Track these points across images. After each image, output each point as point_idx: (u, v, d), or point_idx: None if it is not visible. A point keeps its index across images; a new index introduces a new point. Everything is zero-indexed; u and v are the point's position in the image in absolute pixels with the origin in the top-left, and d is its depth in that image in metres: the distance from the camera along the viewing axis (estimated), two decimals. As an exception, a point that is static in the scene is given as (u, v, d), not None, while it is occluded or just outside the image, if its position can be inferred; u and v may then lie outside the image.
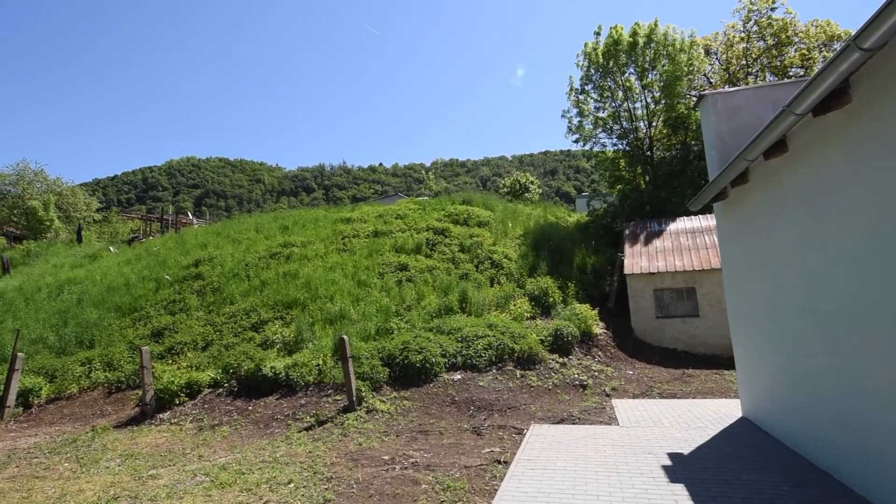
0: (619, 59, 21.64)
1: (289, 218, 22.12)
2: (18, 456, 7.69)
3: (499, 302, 13.13)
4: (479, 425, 7.30)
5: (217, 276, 15.72)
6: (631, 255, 14.60)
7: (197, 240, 20.31)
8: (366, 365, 9.56)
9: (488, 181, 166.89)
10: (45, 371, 11.85)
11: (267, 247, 17.86)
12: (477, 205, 21.26)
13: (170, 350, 12.05)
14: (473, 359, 10.11)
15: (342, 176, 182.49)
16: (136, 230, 32.81)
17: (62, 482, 6.10)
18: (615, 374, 10.53)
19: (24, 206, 35.84)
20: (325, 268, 15.40)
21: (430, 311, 12.52)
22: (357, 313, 12.64)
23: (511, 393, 8.84)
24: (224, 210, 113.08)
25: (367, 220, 19.85)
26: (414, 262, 15.48)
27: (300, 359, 10.41)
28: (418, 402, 8.51)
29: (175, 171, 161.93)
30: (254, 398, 9.69)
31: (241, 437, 7.89)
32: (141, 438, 8.17)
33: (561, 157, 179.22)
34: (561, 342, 11.31)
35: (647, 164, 22.14)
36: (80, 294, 16.34)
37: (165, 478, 5.89)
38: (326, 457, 6.25)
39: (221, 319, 13.19)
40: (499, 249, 16.35)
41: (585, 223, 21.08)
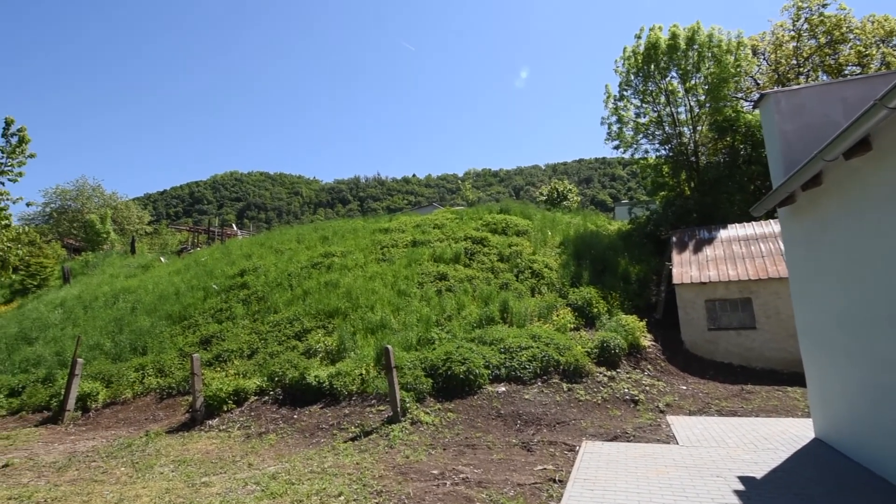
0: (659, 62, 21.06)
1: (328, 228, 22.50)
2: (78, 459, 7.97)
3: (541, 312, 12.82)
4: (528, 440, 7.05)
5: (261, 285, 16.09)
6: (679, 264, 14.00)
7: (242, 250, 20.91)
8: (408, 375, 9.46)
9: (521, 190, 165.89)
10: (102, 376, 12.36)
11: (308, 257, 18.17)
12: (515, 214, 21.01)
13: (217, 357, 12.34)
14: (517, 371, 9.85)
15: (376, 187, 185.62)
16: (184, 242, 34.23)
17: (119, 487, 6.24)
18: (667, 389, 10.03)
19: (83, 219, 38.06)
20: (365, 277, 15.50)
21: (471, 321, 12.35)
22: (398, 323, 12.61)
23: (559, 407, 8.53)
24: (264, 222, 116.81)
25: (405, 230, 19.93)
26: (453, 271, 15.38)
27: (343, 368, 10.44)
28: (463, 415, 8.32)
29: (219, 185, 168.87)
30: (298, 406, 9.75)
31: (288, 445, 7.91)
32: (192, 444, 8.32)
33: (595, 164, 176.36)
34: (608, 355, 10.89)
35: (691, 169, 21.35)
36: (134, 302, 17.05)
37: (217, 486, 5.93)
38: (374, 469, 6.15)
39: (266, 328, 13.43)
40: (539, 259, 16.04)
41: (627, 231, 20.46)
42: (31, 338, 16.48)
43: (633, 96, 22.56)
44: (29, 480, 6.87)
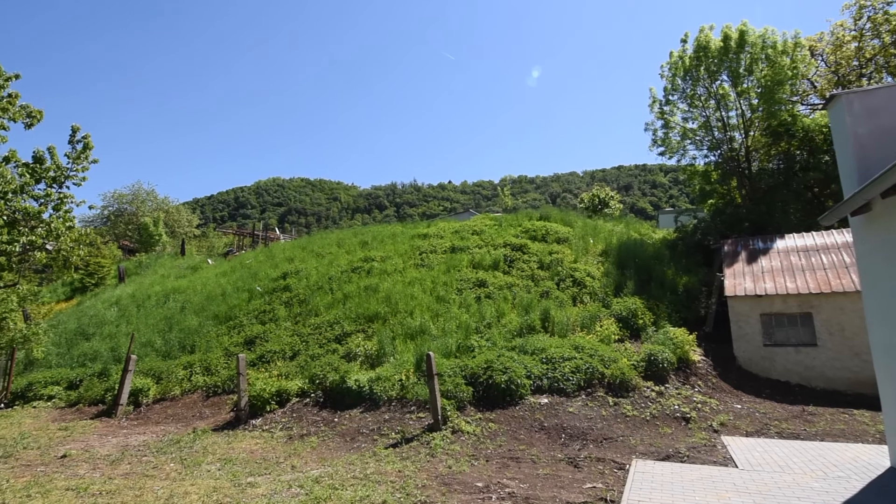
0: (709, 65, 20.26)
1: (368, 233, 22.77)
2: (130, 453, 8.26)
3: (584, 322, 12.46)
4: (574, 456, 6.79)
5: (303, 288, 16.40)
6: (732, 276, 13.32)
7: (284, 254, 21.43)
8: (449, 383, 9.35)
9: (558, 197, 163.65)
10: (153, 373, 12.85)
11: (348, 261, 18.41)
12: (555, 220, 20.63)
13: (261, 358, 12.61)
14: (560, 382, 9.57)
15: (413, 193, 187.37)
16: (230, 244, 35.51)
17: (169, 483, 6.40)
18: (721, 408, 9.49)
19: (138, 222, 40.14)
20: (404, 282, 15.54)
21: (512, 329, 12.14)
22: (437, 329, 12.54)
23: (605, 422, 8.21)
24: (304, 226, 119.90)
25: (444, 236, 19.91)
26: (492, 278, 15.20)
27: (383, 373, 10.44)
28: (505, 426, 8.13)
29: (262, 191, 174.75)
30: (339, 410, 9.80)
31: (330, 449, 7.93)
32: (237, 443, 8.48)
33: (636, 171, 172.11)
34: (655, 369, 10.43)
35: (742, 176, 20.39)
36: (184, 302, 17.72)
37: (263, 487, 5.98)
38: (417, 478, 6.06)
39: (307, 330, 13.65)
40: (580, 267, 15.65)
41: (673, 240, 19.70)
42: (88, 333, 17.39)
43: (680, 100, 21.80)
44: (85, 472, 7.16)
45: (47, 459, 7.98)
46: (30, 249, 12.47)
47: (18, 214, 12.33)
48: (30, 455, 8.27)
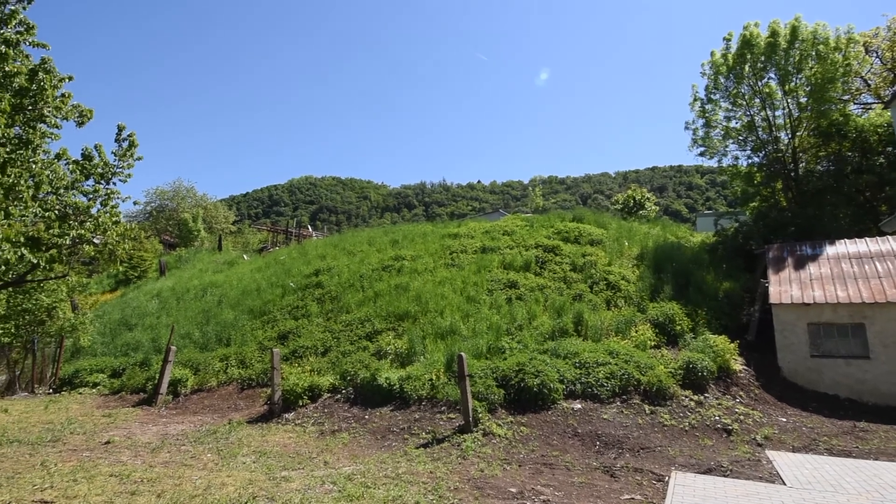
0: (755, 62, 19.43)
1: (398, 232, 22.89)
2: (169, 442, 8.51)
3: (618, 327, 12.15)
4: (610, 465, 6.59)
5: (335, 285, 16.60)
6: (777, 283, 12.73)
7: (317, 251, 21.77)
8: (479, 384, 9.26)
9: (589, 198, 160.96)
10: (191, 364, 13.24)
11: (379, 259, 18.54)
12: (588, 222, 20.24)
13: (294, 353, 12.83)
14: (594, 388, 9.34)
15: (442, 193, 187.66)
16: (264, 241, 36.40)
17: (207, 473, 6.54)
18: (764, 420, 9.07)
19: (178, 217, 41.61)
20: (435, 282, 15.53)
21: (543, 331, 11.95)
22: (467, 329, 12.46)
23: (642, 431, 7.96)
24: (335, 224, 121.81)
25: (474, 236, 19.81)
26: (523, 279, 15.02)
27: (413, 372, 10.44)
28: (537, 430, 7.99)
29: (295, 189, 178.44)
30: (369, 407, 9.85)
31: (361, 446, 7.97)
32: (270, 437, 8.63)
33: (671, 172, 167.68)
34: (694, 377, 10.06)
35: (788, 178, 19.49)
36: (220, 296, 18.23)
37: (296, 482, 6.04)
38: (449, 480, 6.00)
39: (339, 327, 13.80)
40: (615, 270, 15.28)
41: (712, 244, 19.02)
42: (131, 324, 18.10)
43: (722, 99, 21.01)
44: (127, 459, 7.41)
45: (92, 445, 8.31)
46: (79, 243, 13.01)
47: (69, 209, 12.89)
48: (76, 440, 8.63)
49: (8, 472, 6.62)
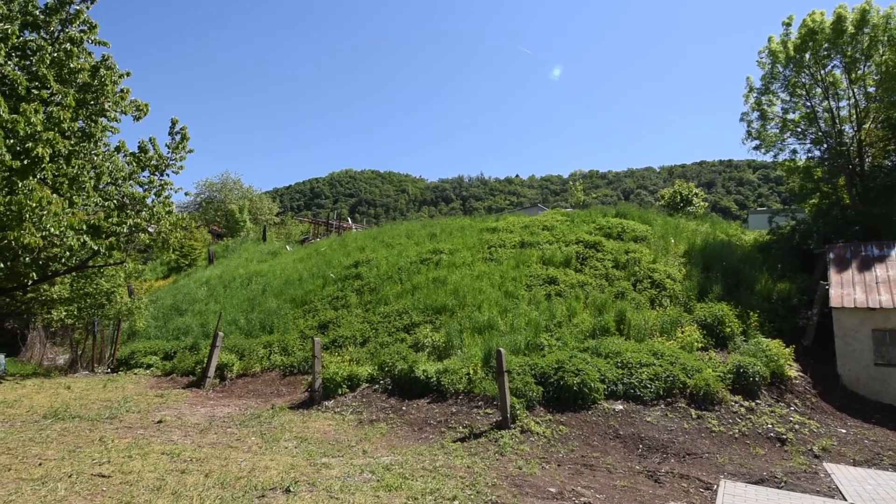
0: (817, 49, 18.17)
1: (436, 226, 22.93)
2: (216, 423, 8.86)
3: (663, 327, 11.72)
4: (654, 469, 6.36)
5: (373, 277, 16.81)
6: (839, 285, 11.93)
7: (356, 243, 22.12)
8: (518, 381, 9.15)
9: (632, 194, 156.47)
10: (237, 349, 13.75)
11: (417, 252, 18.63)
12: (632, 218, 19.61)
13: (333, 342, 13.09)
14: (637, 389, 9.05)
15: (479, 187, 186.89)
16: (306, 232, 37.34)
17: (251, 456, 6.76)
18: (822, 431, 8.54)
19: (226, 209, 43.27)
20: (473, 276, 15.46)
21: (584, 329, 11.68)
22: (505, 325, 12.35)
23: (687, 436, 7.65)
24: (373, 217, 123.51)
25: (513, 231, 19.58)
26: (563, 275, 14.73)
27: (450, 365, 10.44)
28: (576, 430, 7.82)
29: (335, 182, 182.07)
30: (407, 398, 9.93)
31: (399, 437, 8.05)
32: (311, 423, 8.84)
33: (720, 167, 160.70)
34: (745, 382, 9.58)
35: (853, 174, 18.19)
36: (264, 285, 18.84)
37: (336, 469, 6.15)
38: (486, 476, 5.95)
39: (377, 318, 13.97)
40: (660, 268, 14.74)
41: (766, 242, 18.05)
42: (182, 309, 18.98)
43: (780, 89, 19.82)
44: (178, 438, 7.77)
45: (146, 423, 8.76)
46: (135, 231, 13.71)
47: (126, 199, 13.59)
48: (131, 418, 9.12)
49: (70, 445, 7.07)
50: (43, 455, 6.53)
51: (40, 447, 6.91)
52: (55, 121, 9.99)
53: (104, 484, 5.44)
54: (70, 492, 5.17)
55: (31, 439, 7.31)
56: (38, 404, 9.92)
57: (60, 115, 10.11)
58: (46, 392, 11.12)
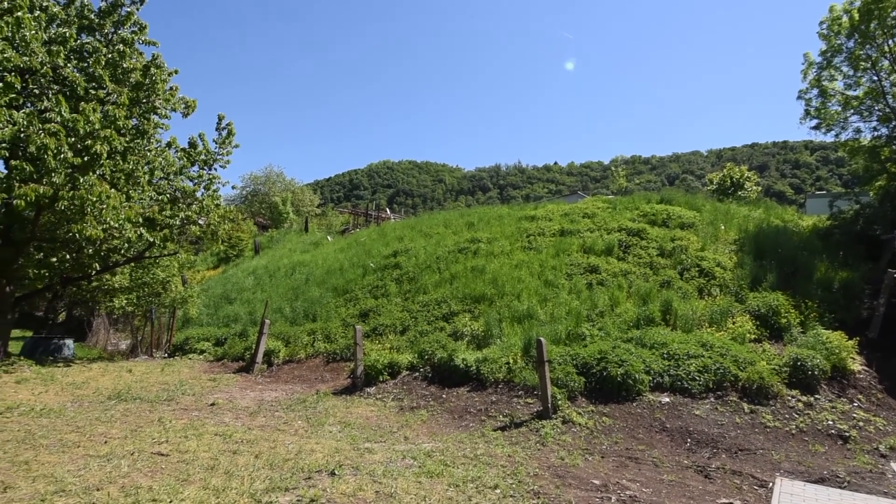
0: (884, 18, 16.67)
1: (474, 215, 22.82)
2: (265, 407, 9.22)
3: (712, 317, 11.23)
4: (703, 464, 6.13)
5: (412, 266, 16.95)
6: (910, 273, 11.04)
7: (395, 233, 22.35)
8: (559, 370, 9.02)
9: (677, 179, 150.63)
10: (282, 336, 14.23)
11: (455, 242, 18.62)
12: (678, 204, 18.83)
13: (374, 330, 13.32)
14: (684, 381, 8.73)
15: (517, 175, 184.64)
16: (346, 223, 38.09)
17: (298, 439, 6.99)
18: (890, 429, 7.96)
19: (269, 201, 44.68)
20: (511, 265, 15.31)
21: (627, 319, 11.35)
22: (545, 314, 12.19)
23: (740, 431, 7.32)
24: (411, 207, 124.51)
25: (552, 219, 19.23)
26: (605, 264, 14.35)
27: (490, 354, 10.41)
28: (620, 422, 7.64)
29: (374, 173, 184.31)
30: (446, 386, 9.99)
31: (439, 424, 8.12)
32: (354, 409, 9.05)
33: (773, 149, 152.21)
34: (802, 376, 9.05)
35: (927, 153, 16.72)
36: (307, 274, 19.37)
37: (379, 454, 6.27)
38: (528, 465, 5.91)
39: (416, 307, 14.09)
40: (708, 255, 14.10)
41: (826, 228, 16.93)
42: (231, 298, 19.81)
43: (842, 63, 18.37)
44: (229, 420, 8.13)
45: (200, 405, 9.22)
46: (187, 223, 14.35)
47: (178, 193, 14.24)
48: (187, 401, 9.62)
49: (132, 425, 7.53)
50: (108, 433, 6.99)
51: (105, 426, 7.40)
52: (111, 119, 10.54)
53: (163, 462, 5.76)
54: (132, 468, 5.51)
55: (98, 418, 7.84)
56: (103, 386, 10.62)
57: (116, 114, 10.67)
58: (110, 375, 11.88)
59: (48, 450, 6.12)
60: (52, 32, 10.91)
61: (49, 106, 10.14)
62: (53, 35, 10.80)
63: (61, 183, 9.46)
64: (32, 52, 9.62)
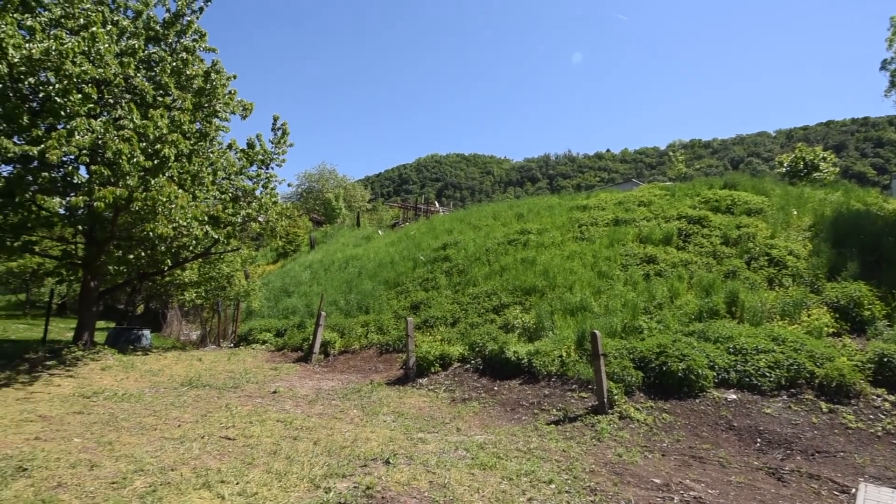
0: None
1: (523, 206, 22.48)
2: (322, 395, 9.55)
3: (784, 309, 10.46)
4: (776, 466, 5.73)
5: (462, 259, 16.96)
6: None
7: (444, 226, 22.44)
8: (614, 364, 8.72)
9: (742, 162, 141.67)
10: (337, 328, 14.68)
11: (504, 233, 18.44)
12: (744, 188, 17.67)
13: (425, 322, 13.46)
14: (753, 377, 8.19)
15: (567, 165, 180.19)
16: (396, 217, 38.71)
17: (353, 427, 7.19)
18: None
19: (323, 198, 46.15)
20: (563, 256, 14.97)
21: (688, 311, 10.80)
22: (599, 306, 11.82)
23: (816, 431, 6.78)
24: (459, 200, 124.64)
25: (606, 208, 18.60)
26: (663, 254, 13.71)
27: (542, 347, 10.23)
28: (682, 419, 7.28)
29: (422, 167, 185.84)
30: (498, 379, 9.93)
31: (491, 416, 8.09)
32: (406, 399, 9.20)
33: (852, 127, 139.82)
34: (889, 373, 8.23)
35: None
36: (360, 268, 19.86)
37: (432, 444, 6.32)
38: (584, 461, 5.76)
39: (466, 299, 14.09)
40: (779, 243, 13.14)
41: (917, 212, 15.30)
42: (289, 291, 20.68)
43: (937, 26, 16.47)
44: (289, 408, 8.49)
45: (263, 393, 9.69)
46: (247, 221, 15.04)
47: (239, 192, 14.95)
48: (251, 388, 10.14)
49: (202, 410, 8.03)
50: (181, 418, 7.49)
51: (179, 411, 7.93)
52: (177, 123, 11.19)
53: (230, 446, 6.10)
54: (203, 451, 5.87)
55: (172, 404, 8.43)
56: (177, 374, 11.40)
57: (181, 119, 11.32)
58: (183, 363, 12.73)
59: (129, 432, 6.65)
60: (122, 45, 11.71)
61: (122, 114, 10.91)
62: (124, 47, 11.59)
63: (135, 185, 10.18)
64: (106, 64, 10.37)
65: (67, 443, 6.05)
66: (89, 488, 4.66)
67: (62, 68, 9.54)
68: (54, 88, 9.80)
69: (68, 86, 9.73)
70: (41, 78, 10.11)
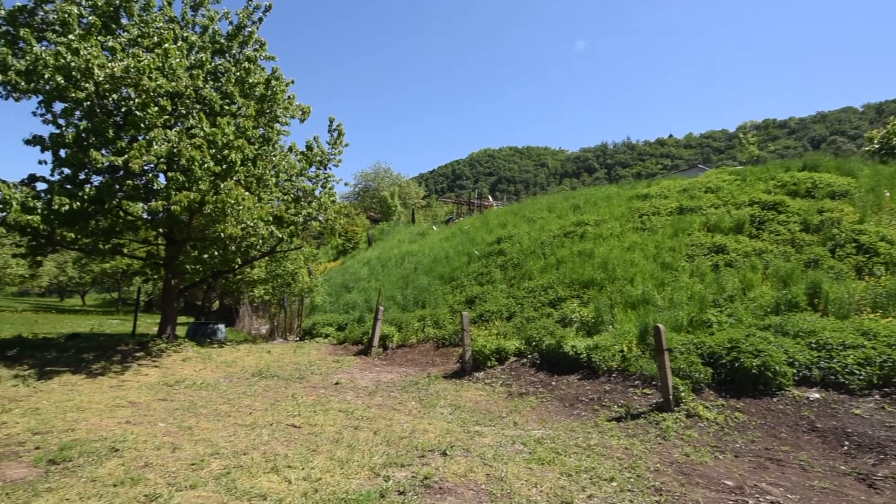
0: None
1: (579, 197, 21.87)
2: (382, 387, 9.81)
3: (876, 301, 9.48)
4: (867, 472, 5.21)
5: (516, 252, 16.77)
6: None
7: (497, 220, 22.28)
8: (680, 360, 8.29)
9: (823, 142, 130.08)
10: (395, 322, 15.01)
11: (560, 226, 18.03)
12: (826, 170, 16.17)
13: (480, 316, 13.45)
14: (839, 375, 7.49)
15: (626, 153, 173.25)
16: (450, 213, 38.94)
17: (411, 419, 7.33)
18: None
19: (379, 196, 47.26)
20: (622, 248, 14.41)
21: (763, 304, 10.05)
22: (662, 299, 11.28)
23: (917, 435, 6.09)
24: (513, 194, 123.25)
25: (668, 196, 17.69)
26: (734, 243, 12.84)
27: (601, 342, 9.92)
28: (757, 419, 6.80)
29: (475, 162, 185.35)
30: (555, 374, 9.75)
31: (549, 411, 7.96)
32: (463, 392, 9.25)
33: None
34: None
35: None
36: (416, 264, 20.16)
37: (489, 437, 6.32)
38: (647, 460, 5.53)
39: (522, 293, 13.93)
40: (869, 229, 11.92)
41: None
42: (349, 287, 21.37)
43: None
44: (351, 398, 8.79)
45: (326, 384, 10.10)
46: (309, 220, 15.68)
47: (300, 192, 15.61)
48: (315, 379, 10.59)
49: (271, 399, 8.50)
50: (252, 406, 7.96)
51: (250, 399, 8.44)
52: (242, 130, 11.85)
53: (296, 433, 6.41)
54: (271, 437, 6.21)
55: (244, 392, 8.98)
56: (248, 365, 12.13)
57: (246, 125, 11.96)
58: (253, 355, 13.52)
59: (206, 418, 7.16)
60: (192, 59, 12.55)
61: (193, 123, 11.70)
62: (193, 61, 12.41)
63: (206, 189, 10.90)
64: (178, 77, 11.16)
65: (153, 427, 6.62)
66: (172, 468, 5.06)
67: (140, 84, 10.38)
68: (134, 103, 10.70)
69: (146, 100, 10.58)
70: (122, 94, 11.06)
